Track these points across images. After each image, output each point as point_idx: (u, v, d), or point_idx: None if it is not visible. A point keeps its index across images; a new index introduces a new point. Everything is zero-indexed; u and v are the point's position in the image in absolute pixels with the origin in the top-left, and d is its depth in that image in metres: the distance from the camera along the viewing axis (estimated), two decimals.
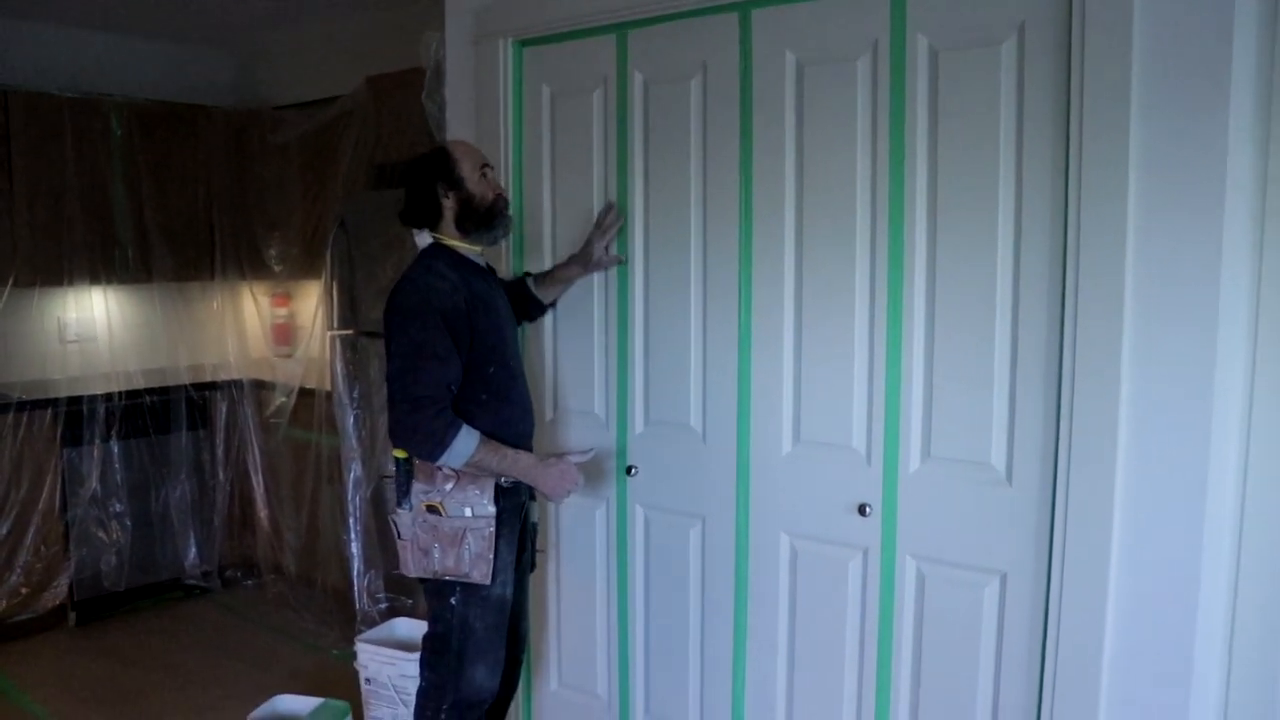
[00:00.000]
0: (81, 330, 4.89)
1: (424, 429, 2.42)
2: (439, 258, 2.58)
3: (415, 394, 2.43)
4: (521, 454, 2.60)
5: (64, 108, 4.56)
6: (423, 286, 2.49)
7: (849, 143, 2.49)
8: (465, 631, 2.56)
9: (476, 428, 2.51)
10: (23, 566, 4.25)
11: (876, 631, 2.57)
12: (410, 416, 2.43)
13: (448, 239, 2.61)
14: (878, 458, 2.51)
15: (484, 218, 2.61)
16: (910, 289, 2.42)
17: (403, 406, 2.44)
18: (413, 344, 2.44)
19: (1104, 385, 2.15)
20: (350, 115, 4.24)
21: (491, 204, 2.61)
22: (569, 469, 2.66)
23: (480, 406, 2.56)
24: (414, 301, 2.47)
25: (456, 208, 2.59)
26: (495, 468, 2.53)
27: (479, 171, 2.61)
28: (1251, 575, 2.17)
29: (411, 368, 2.44)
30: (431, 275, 2.52)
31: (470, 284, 2.56)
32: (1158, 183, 2.07)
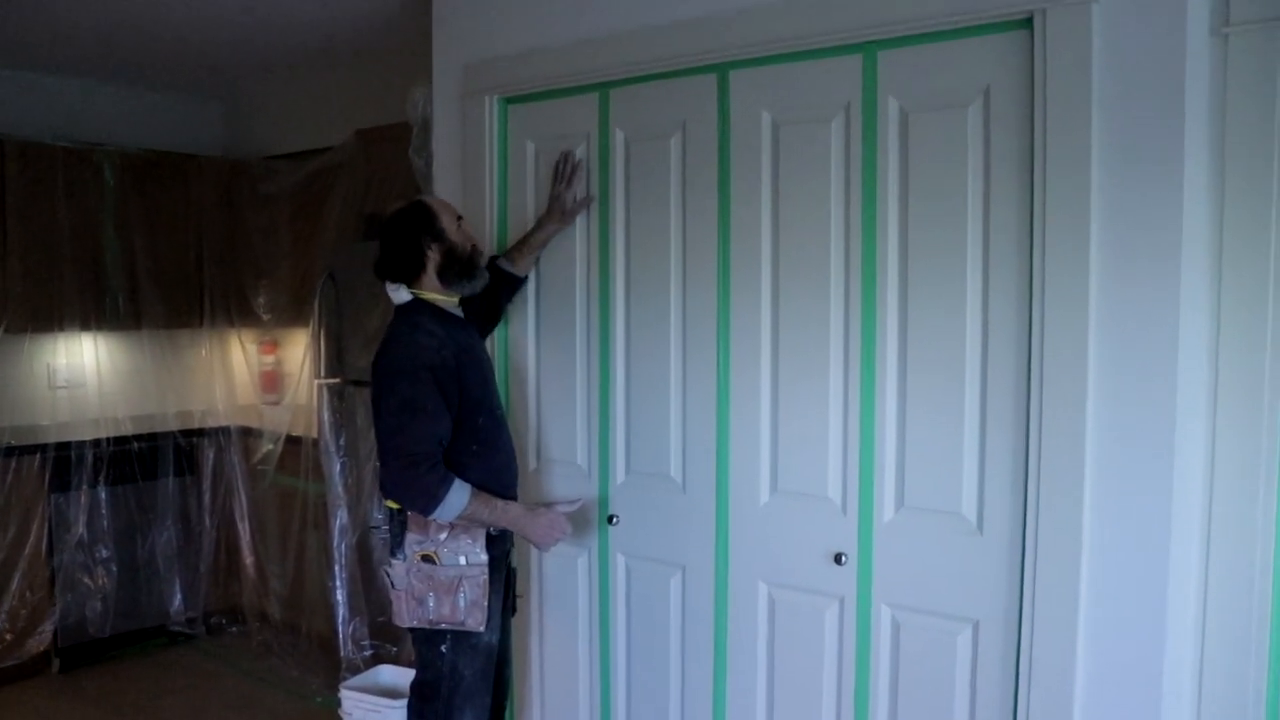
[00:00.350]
0: (71, 376, 4.93)
1: (418, 485, 2.47)
2: (422, 313, 2.63)
3: (408, 450, 2.47)
4: (511, 505, 2.66)
5: (57, 156, 4.63)
6: (410, 344, 2.54)
7: (823, 200, 2.56)
8: (454, 679, 2.60)
9: (469, 478, 2.56)
10: (7, 612, 4.26)
11: (853, 679, 2.60)
12: (404, 473, 2.47)
13: (426, 293, 2.66)
14: (853, 508, 2.56)
15: (465, 267, 2.67)
16: (883, 343, 2.49)
17: (396, 463, 2.48)
18: (403, 401, 2.49)
19: (1069, 438, 2.21)
20: (339, 167, 4.32)
21: (471, 253, 2.69)
22: (558, 518, 2.73)
23: (472, 457, 2.61)
24: (403, 359, 2.52)
25: (440, 259, 2.65)
26: (487, 519, 2.58)
27: (456, 223, 2.69)
28: (1217, 620, 2.23)
29: (403, 425, 2.48)
30: (419, 332, 2.57)
31: (455, 337, 2.62)
32: (1118, 239, 2.15)
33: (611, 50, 2.90)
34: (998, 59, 2.30)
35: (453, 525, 2.57)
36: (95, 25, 4.07)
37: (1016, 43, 2.27)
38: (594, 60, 2.94)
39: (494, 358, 3.21)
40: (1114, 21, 2.15)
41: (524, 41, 3.12)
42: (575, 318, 3.07)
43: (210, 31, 4.17)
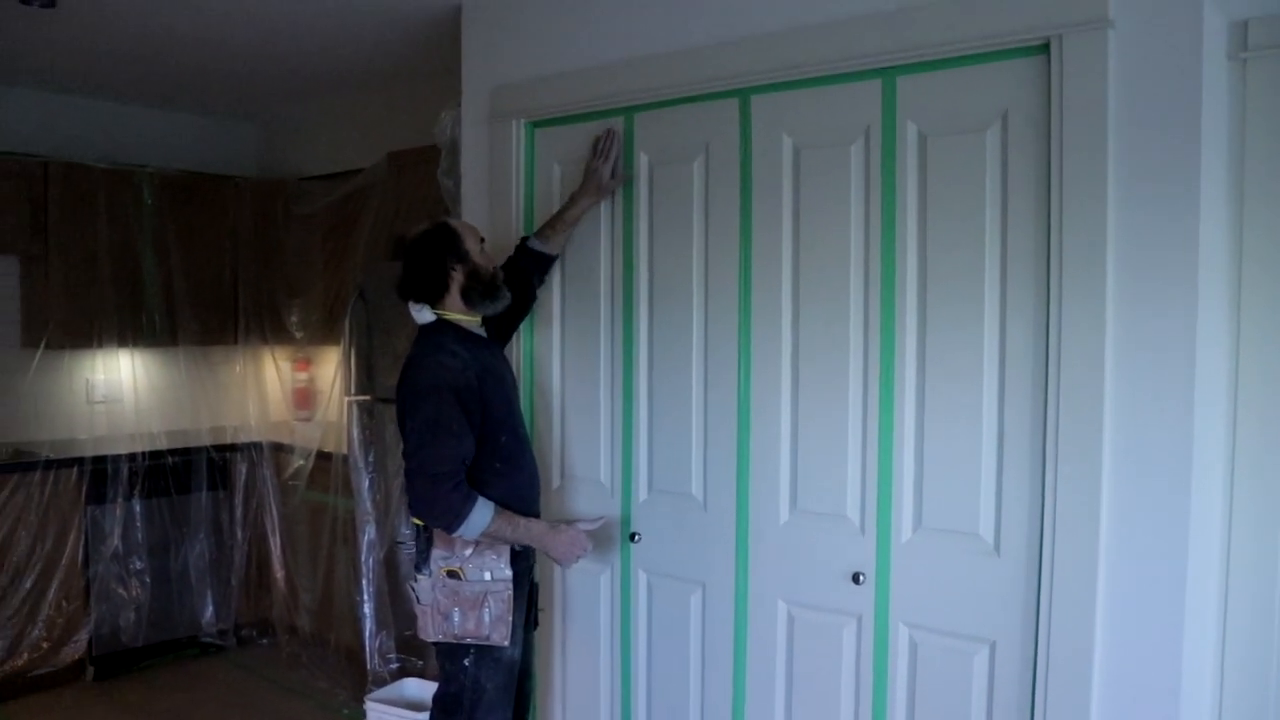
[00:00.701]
0: (109, 391, 5.05)
1: (442, 503, 2.52)
2: (446, 334, 2.69)
3: (433, 470, 2.53)
4: (534, 522, 2.71)
5: (98, 178, 4.75)
6: (435, 365, 2.60)
7: (843, 223, 2.60)
8: (477, 692, 2.64)
9: (492, 495, 2.61)
10: (44, 620, 4.36)
11: (871, 698, 2.62)
12: (429, 491, 2.53)
13: (450, 313, 2.72)
14: (871, 527, 2.58)
15: (488, 288, 2.72)
16: (901, 365, 2.51)
17: (421, 482, 2.54)
18: (428, 421, 2.55)
19: (1086, 461, 2.22)
20: (371, 189, 4.40)
21: (493, 275, 2.74)
22: (579, 536, 2.78)
23: (495, 475, 2.66)
24: (428, 380, 2.58)
25: (464, 280, 2.70)
26: (510, 537, 2.63)
27: (479, 245, 2.74)
28: (1236, 644, 2.24)
29: (428, 443, 2.54)
30: (443, 353, 2.62)
31: (479, 358, 2.67)
32: (1134, 263, 2.17)
33: (635, 74, 2.95)
34: (1015, 84, 2.33)
35: (477, 542, 2.62)
36: (136, 51, 4.19)
37: (1033, 68, 2.30)
38: (618, 84, 2.99)
39: (519, 375, 3.26)
40: (1130, 47, 2.17)
41: (550, 66, 3.18)
42: (599, 336, 3.11)
43: (246, 56, 4.28)
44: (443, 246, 2.70)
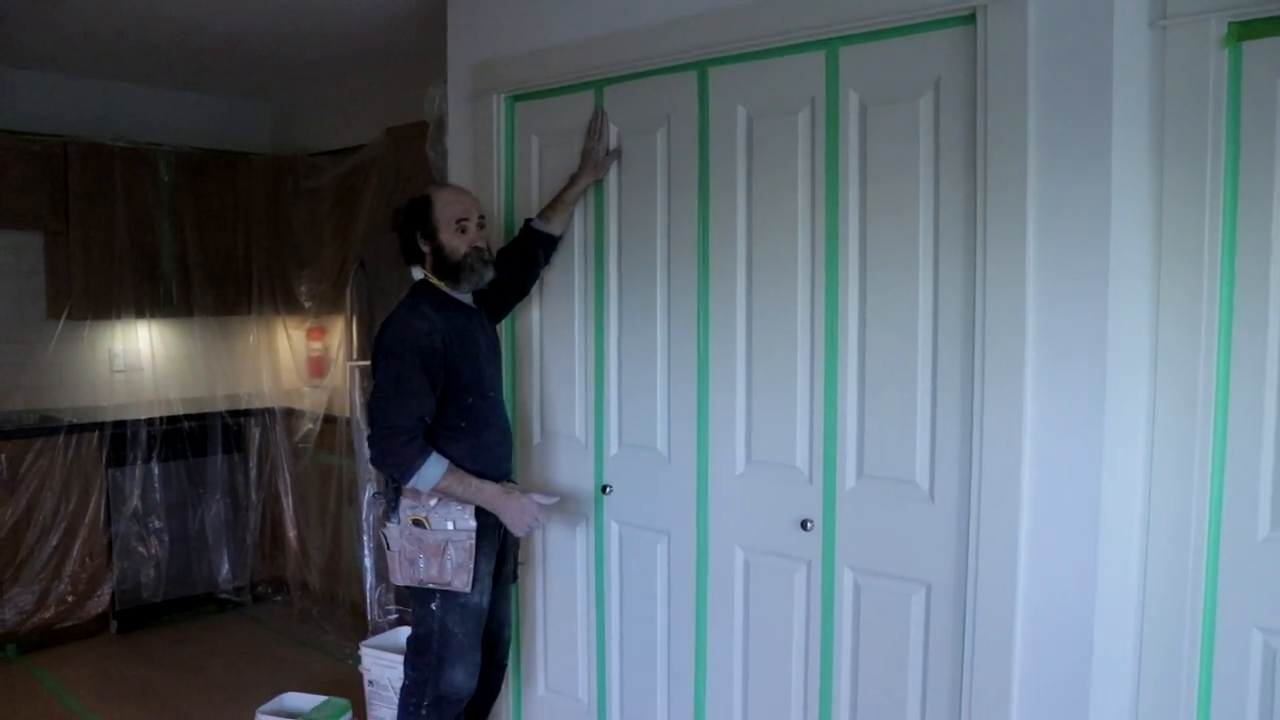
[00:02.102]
0: (129, 361, 5.29)
1: (396, 455, 2.70)
2: (424, 296, 2.84)
3: (390, 423, 2.70)
4: (486, 484, 2.82)
5: (116, 156, 4.97)
6: (404, 326, 2.76)
7: (791, 189, 2.74)
8: (444, 635, 2.81)
9: (455, 450, 2.78)
10: (69, 576, 4.61)
11: (820, 637, 2.77)
12: (384, 442, 2.70)
13: (434, 278, 2.89)
14: (818, 476, 2.73)
15: (451, 270, 2.84)
16: (844, 322, 2.65)
17: (379, 433, 2.72)
18: (391, 378, 2.72)
19: (1009, 411, 2.35)
20: (372, 163, 4.58)
21: (461, 258, 2.83)
22: (529, 505, 2.87)
23: (460, 433, 2.82)
24: (395, 340, 2.75)
25: (431, 255, 2.86)
26: (460, 494, 2.77)
27: (455, 225, 2.82)
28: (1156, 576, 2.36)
29: (389, 399, 2.71)
30: (414, 315, 2.78)
31: (451, 321, 2.81)
32: (1053, 224, 2.29)
33: (604, 49, 3.09)
34: (946, 53, 2.45)
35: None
36: (148, 35, 4.39)
37: (963, 38, 2.42)
38: (589, 59, 3.13)
39: (504, 342, 3.43)
40: (1049, 16, 2.28)
41: (528, 43, 3.33)
42: (574, 303, 3.28)
43: (253, 39, 4.47)
44: (412, 219, 2.85)
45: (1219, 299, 2.25)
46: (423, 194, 2.90)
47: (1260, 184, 2.20)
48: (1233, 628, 2.28)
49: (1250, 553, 2.26)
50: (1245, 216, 2.22)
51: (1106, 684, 2.33)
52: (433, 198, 2.87)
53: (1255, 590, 2.25)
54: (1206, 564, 2.30)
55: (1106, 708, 2.34)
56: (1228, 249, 2.25)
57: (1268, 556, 2.24)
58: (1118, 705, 2.36)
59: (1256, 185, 2.20)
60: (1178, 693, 2.33)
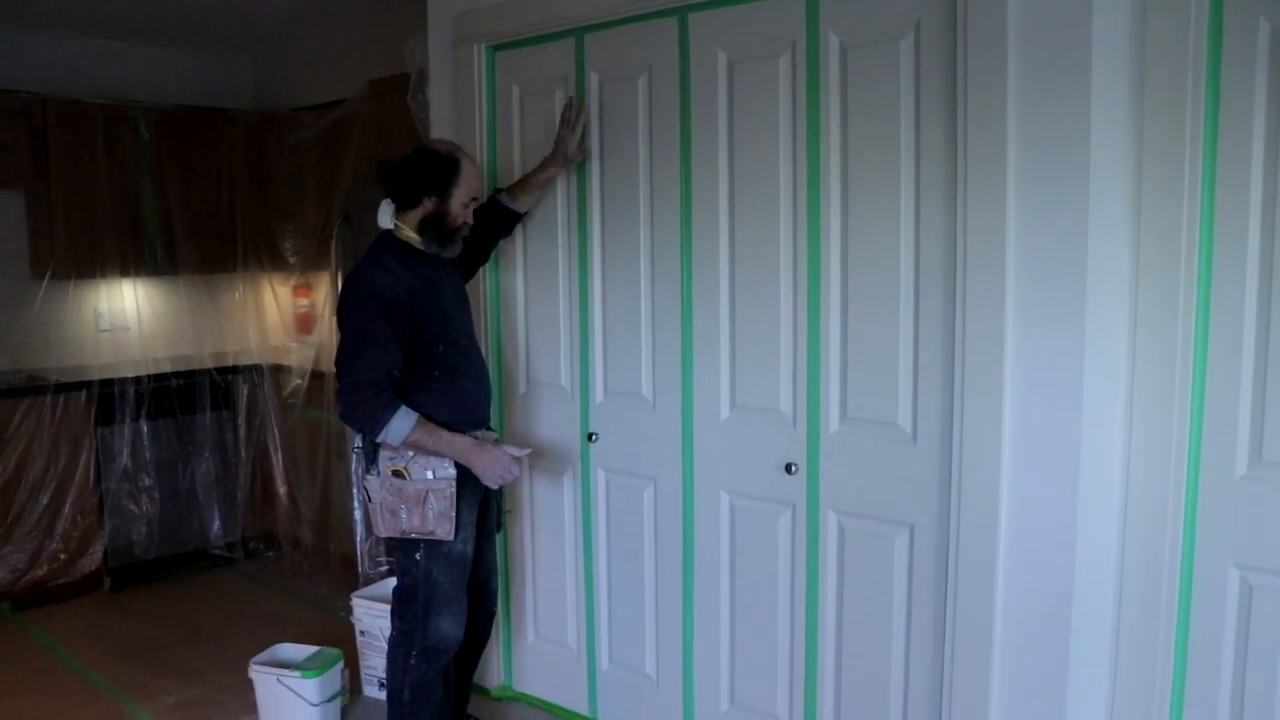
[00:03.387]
0: (114, 320, 5.27)
1: (363, 408, 2.70)
2: (388, 249, 2.82)
3: (357, 378, 2.70)
4: (457, 437, 2.79)
5: (96, 113, 4.92)
6: (367, 280, 2.74)
7: (773, 133, 2.73)
8: (430, 585, 2.83)
9: (432, 399, 2.78)
10: (61, 535, 4.62)
11: (805, 579, 2.81)
12: (352, 396, 2.70)
13: (405, 229, 2.85)
14: (802, 420, 2.75)
15: (442, 235, 2.83)
16: (827, 265, 2.66)
17: (346, 388, 2.71)
18: (356, 333, 2.71)
19: (990, 352, 2.37)
20: (354, 116, 4.55)
21: (457, 228, 2.85)
22: (501, 457, 2.83)
23: (434, 381, 2.82)
24: (359, 295, 2.74)
25: (429, 213, 2.82)
26: (431, 447, 2.75)
27: (467, 201, 2.84)
28: (1137, 514, 2.39)
29: (355, 354, 2.70)
30: (377, 269, 2.75)
31: (415, 272, 2.78)
32: (1033, 162, 2.29)
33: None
34: None
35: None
36: None
37: None
38: (569, 6, 3.11)
39: (486, 291, 3.43)
40: None
41: None
42: (558, 250, 3.28)
43: None
44: (434, 174, 2.80)
45: (1199, 239, 2.27)
46: (449, 154, 2.85)
47: (1240, 117, 2.20)
48: (1210, 564, 2.32)
49: (1228, 491, 2.30)
50: (1225, 153, 2.23)
51: (1087, 621, 2.37)
52: (461, 165, 2.83)
53: (1233, 527, 2.29)
54: (1185, 502, 2.34)
55: (1087, 644, 2.37)
56: (1208, 186, 2.26)
57: (1245, 494, 2.27)
58: (1098, 642, 2.40)
59: (1237, 118, 2.20)
60: (1156, 628, 2.37)
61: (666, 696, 3.15)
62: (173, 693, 3.74)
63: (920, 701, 2.62)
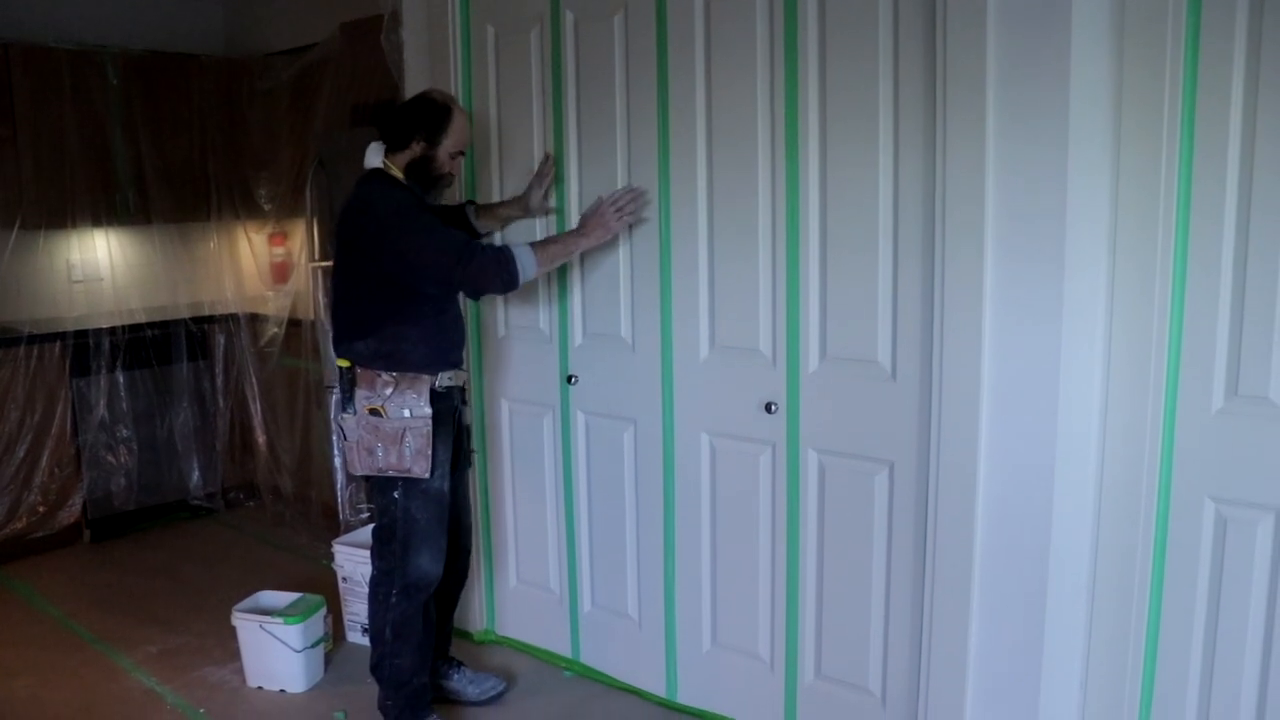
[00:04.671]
0: (87, 271, 5.19)
1: (494, 263, 2.73)
2: (385, 180, 2.82)
3: (455, 248, 2.71)
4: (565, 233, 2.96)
5: (62, 59, 4.81)
6: (398, 196, 2.77)
7: (750, 68, 2.70)
8: (409, 522, 2.84)
9: (412, 335, 2.78)
10: (39, 487, 4.59)
11: (785, 518, 2.82)
12: (476, 262, 2.71)
13: (394, 170, 2.84)
14: (781, 359, 2.75)
15: (427, 181, 2.85)
16: (805, 204, 2.64)
17: (464, 263, 2.70)
18: (418, 227, 2.72)
19: (969, 284, 2.35)
20: (327, 60, 4.47)
21: (441, 175, 2.86)
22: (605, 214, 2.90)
23: (422, 315, 2.81)
24: (398, 203, 2.75)
25: (416, 156, 2.82)
26: (561, 253, 2.87)
27: (454, 151, 2.84)
28: (1114, 448, 2.39)
29: (436, 240, 2.72)
30: (399, 190, 2.79)
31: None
32: (1012, 94, 2.25)
33: None
34: None
35: (398, 381, 2.79)
36: None
37: None
38: None
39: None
40: None
41: None
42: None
43: None
44: (424, 118, 2.81)
45: (1178, 174, 2.25)
46: (443, 102, 2.86)
47: (1220, 52, 2.17)
48: (1186, 497, 2.33)
49: (1204, 424, 2.30)
50: (1205, 86, 2.21)
51: (1065, 553, 2.38)
52: (453, 113, 2.85)
53: (1209, 461, 2.29)
54: (1162, 435, 2.34)
55: (1065, 575, 2.39)
56: (1187, 118, 2.23)
57: (1221, 428, 2.28)
58: (1076, 573, 2.42)
59: (1216, 52, 2.18)
60: (1133, 560, 2.39)
61: (649, 637, 3.17)
62: (155, 641, 3.74)
63: (901, 636, 2.64)
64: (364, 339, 2.80)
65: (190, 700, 3.32)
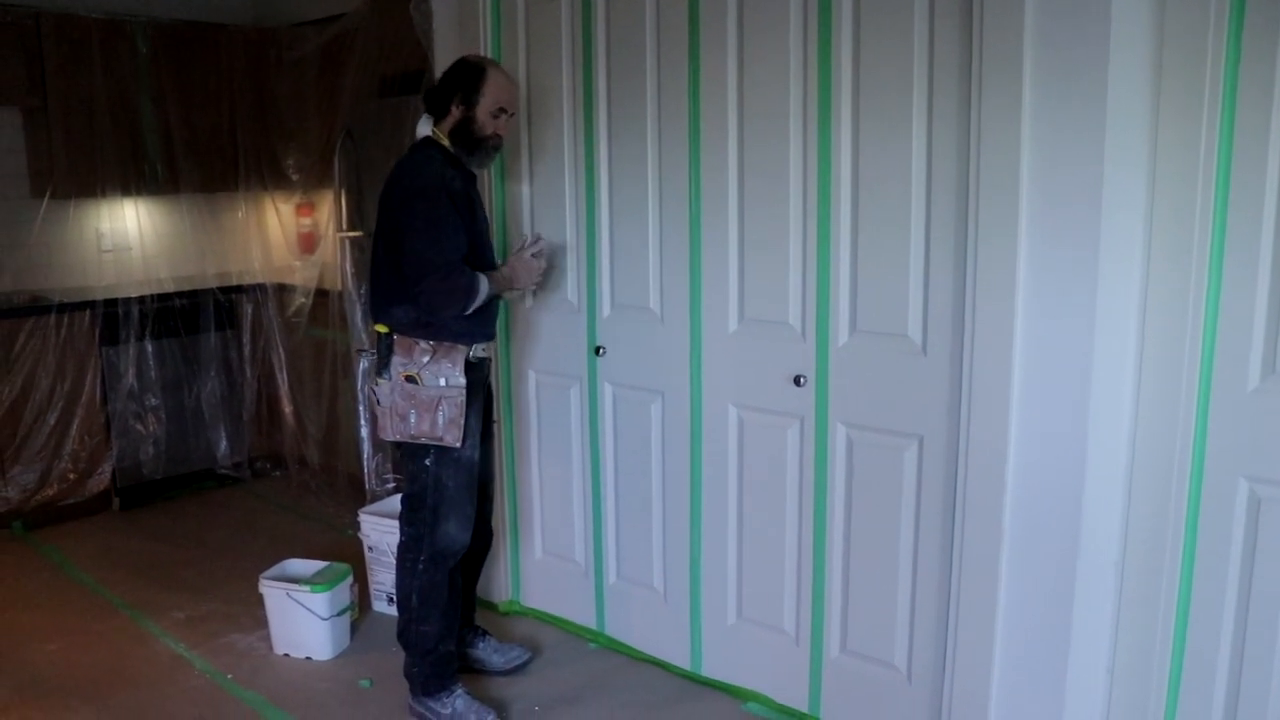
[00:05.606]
0: (116, 240, 5.22)
1: (461, 286, 2.73)
2: (433, 149, 2.83)
3: (443, 260, 2.71)
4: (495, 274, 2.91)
5: (92, 28, 4.82)
6: (430, 172, 2.77)
7: (783, 46, 2.67)
8: (439, 490, 2.85)
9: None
10: (69, 454, 4.64)
11: (813, 492, 2.81)
12: (446, 280, 2.71)
13: (442, 139, 2.85)
14: (811, 332, 2.73)
15: (469, 144, 2.83)
16: (837, 176, 2.62)
17: (437, 272, 2.70)
18: (427, 220, 2.72)
19: (1002, 262, 2.33)
20: (356, 30, 4.45)
21: (484, 139, 2.83)
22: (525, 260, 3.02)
23: None
24: (424, 182, 2.75)
25: (457, 120, 2.82)
26: (495, 291, 2.87)
27: (495, 109, 2.82)
28: (1147, 426, 2.37)
29: (436, 239, 2.71)
30: (432, 163, 2.79)
31: (462, 177, 2.83)
32: (1049, 77, 2.22)
33: None
34: None
35: (435, 349, 2.79)
36: None
37: None
38: None
39: (493, 204, 3.40)
40: None
41: None
42: (564, 166, 3.24)
43: None
44: (459, 80, 2.82)
45: (1217, 147, 2.21)
46: (477, 63, 2.88)
47: (1263, 37, 2.12)
48: (1220, 477, 2.30)
49: (1240, 403, 2.27)
50: (1247, 72, 2.16)
51: (1096, 531, 2.36)
52: (488, 72, 2.85)
53: (1243, 440, 2.26)
54: (1196, 413, 2.31)
55: (1095, 554, 2.37)
56: (1228, 101, 2.19)
57: (1257, 407, 2.24)
58: (1104, 553, 2.40)
59: (1259, 36, 2.13)
60: (1164, 539, 2.36)
61: (674, 610, 3.18)
62: (184, 608, 3.78)
63: (927, 613, 2.63)
64: (403, 305, 2.80)
65: (217, 666, 3.35)
